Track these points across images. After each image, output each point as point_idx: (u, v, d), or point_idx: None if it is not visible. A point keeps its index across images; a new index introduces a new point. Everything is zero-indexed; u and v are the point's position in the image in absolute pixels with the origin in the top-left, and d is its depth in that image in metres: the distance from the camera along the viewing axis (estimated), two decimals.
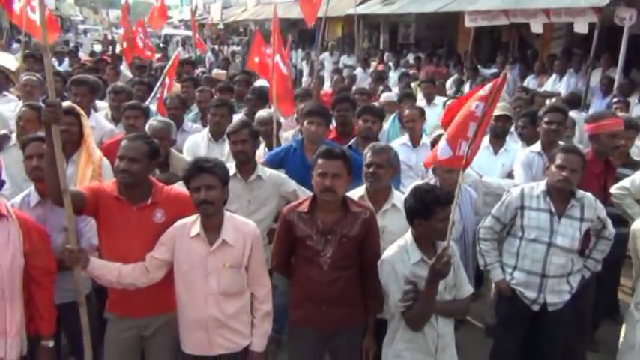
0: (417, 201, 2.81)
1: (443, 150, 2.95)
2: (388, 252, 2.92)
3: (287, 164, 4.06)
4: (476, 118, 2.84)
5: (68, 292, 3.00)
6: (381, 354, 3.02)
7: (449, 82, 10.33)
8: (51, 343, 2.90)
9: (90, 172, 3.47)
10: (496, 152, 4.85)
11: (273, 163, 4.16)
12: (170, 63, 6.53)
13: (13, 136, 4.17)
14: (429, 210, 2.77)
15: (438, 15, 12.81)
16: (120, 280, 2.86)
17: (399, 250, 2.89)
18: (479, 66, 10.95)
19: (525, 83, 9.85)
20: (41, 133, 3.43)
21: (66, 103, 3.59)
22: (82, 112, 3.66)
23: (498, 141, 4.86)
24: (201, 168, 2.80)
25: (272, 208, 3.82)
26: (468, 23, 10.66)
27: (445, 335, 2.90)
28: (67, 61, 11.52)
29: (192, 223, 2.89)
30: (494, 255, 3.70)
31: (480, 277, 4.64)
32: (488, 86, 2.87)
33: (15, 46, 14.67)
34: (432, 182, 3.73)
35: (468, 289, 2.98)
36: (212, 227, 2.87)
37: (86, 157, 3.53)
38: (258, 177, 3.76)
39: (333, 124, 4.84)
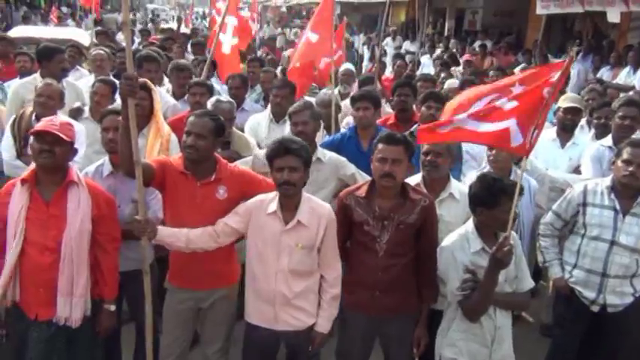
0: (482, 189, 2.75)
1: (515, 137, 2.84)
2: (448, 240, 2.88)
3: (342, 151, 4.04)
4: (543, 104, 2.74)
5: (132, 261, 3.12)
6: (433, 344, 3.00)
7: (517, 72, 9.98)
8: (112, 307, 3.03)
9: (158, 145, 3.59)
10: (563, 145, 4.64)
11: (331, 148, 4.15)
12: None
13: (86, 108, 4.36)
14: (494, 199, 2.71)
15: (507, 1, 12.37)
16: (189, 246, 2.94)
17: (459, 238, 2.84)
18: (549, 55, 10.51)
19: (599, 75, 9.40)
20: (112, 107, 3.59)
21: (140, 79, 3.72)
22: (153, 87, 3.78)
23: (566, 134, 4.66)
24: (287, 149, 2.82)
25: (330, 191, 3.81)
26: (540, 10, 10.22)
27: (502, 328, 2.84)
28: (136, 39, 11.86)
29: (270, 200, 2.93)
30: (554, 252, 3.59)
31: (537, 274, 4.51)
32: (557, 73, 2.75)
33: (86, 22, 15.31)
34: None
35: (529, 282, 2.91)
36: (289, 207, 2.89)
37: (155, 131, 3.65)
38: (318, 159, 3.76)
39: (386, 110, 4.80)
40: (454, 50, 12.99)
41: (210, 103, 4.15)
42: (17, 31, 9.45)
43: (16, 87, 5.07)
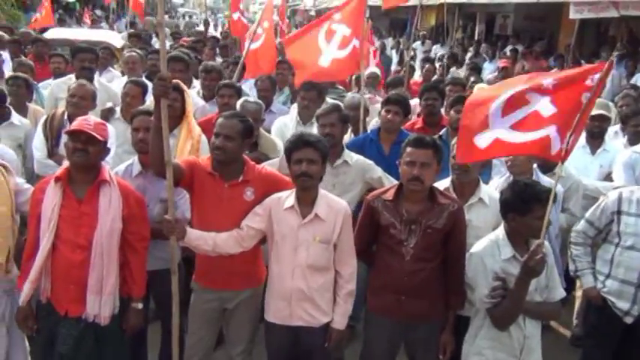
0: (514, 195, 2.71)
1: (555, 144, 2.78)
2: (478, 246, 2.83)
3: (363, 154, 4.01)
4: (580, 109, 2.67)
5: (159, 261, 3.16)
6: (459, 351, 2.96)
7: None
8: (140, 306, 3.05)
9: (188, 146, 3.62)
10: (594, 152, 4.54)
11: (354, 150, 4.13)
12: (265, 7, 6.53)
13: (117, 109, 4.43)
14: (526, 205, 2.67)
15: (539, 5, 12.18)
16: (215, 249, 2.97)
17: (489, 244, 2.80)
18: (582, 61, 10.30)
19: (633, 81, 9.17)
20: (143, 107, 3.64)
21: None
22: (185, 88, 3.81)
23: (596, 141, 4.55)
24: (306, 141, 2.89)
25: (356, 194, 3.80)
26: (573, 15, 10.03)
27: (532, 338, 2.79)
28: (167, 42, 12.04)
29: (286, 196, 2.97)
30: (586, 261, 3.50)
31: (569, 282, 4.42)
32: (596, 76, 2.68)
33: (119, 23, 15.60)
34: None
35: (560, 292, 2.85)
36: (306, 201, 2.93)
37: (186, 132, 3.68)
38: (345, 162, 3.75)
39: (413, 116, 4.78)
40: (484, 55, 12.81)
41: (238, 104, 4.18)
42: (52, 33, 9.66)
43: (52, 87, 5.23)
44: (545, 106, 2.74)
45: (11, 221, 3.00)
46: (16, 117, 4.42)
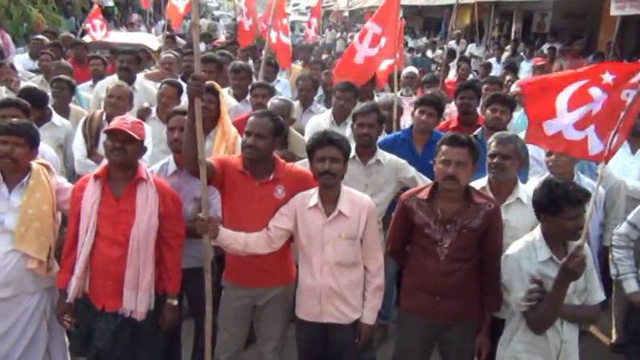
0: (544, 195, 2.65)
1: (593, 144, 2.70)
2: (514, 247, 2.77)
3: (395, 153, 3.97)
4: (623, 107, 2.59)
5: (193, 259, 3.19)
6: (494, 354, 2.90)
7: None
8: (175, 302, 3.10)
9: (223, 148, 3.65)
10: (634, 151, 4.37)
11: (385, 149, 4.10)
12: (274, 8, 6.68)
13: (153, 109, 4.51)
14: (556, 206, 2.60)
15: (578, 2, 11.88)
16: (245, 249, 3.00)
17: (525, 246, 2.73)
18: (624, 60, 10.00)
19: None
20: (178, 107, 3.69)
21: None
22: (221, 90, 3.84)
23: (637, 140, 4.39)
24: (330, 140, 2.91)
25: (389, 194, 3.77)
26: (614, 11, 9.77)
27: (569, 342, 2.72)
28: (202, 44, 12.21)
29: (310, 195, 2.99)
30: (629, 264, 3.39)
31: (608, 287, 4.29)
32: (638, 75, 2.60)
33: (156, 26, 15.91)
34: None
35: (600, 295, 2.76)
36: (329, 199, 2.95)
37: (221, 134, 3.70)
38: (378, 161, 3.73)
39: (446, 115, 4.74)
40: (521, 54, 12.57)
41: (268, 103, 4.20)
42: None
43: (97, 88, 5.42)
44: (598, 100, 2.67)
45: (52, 220, 3.08)
46: (56, 118, 4.54)
